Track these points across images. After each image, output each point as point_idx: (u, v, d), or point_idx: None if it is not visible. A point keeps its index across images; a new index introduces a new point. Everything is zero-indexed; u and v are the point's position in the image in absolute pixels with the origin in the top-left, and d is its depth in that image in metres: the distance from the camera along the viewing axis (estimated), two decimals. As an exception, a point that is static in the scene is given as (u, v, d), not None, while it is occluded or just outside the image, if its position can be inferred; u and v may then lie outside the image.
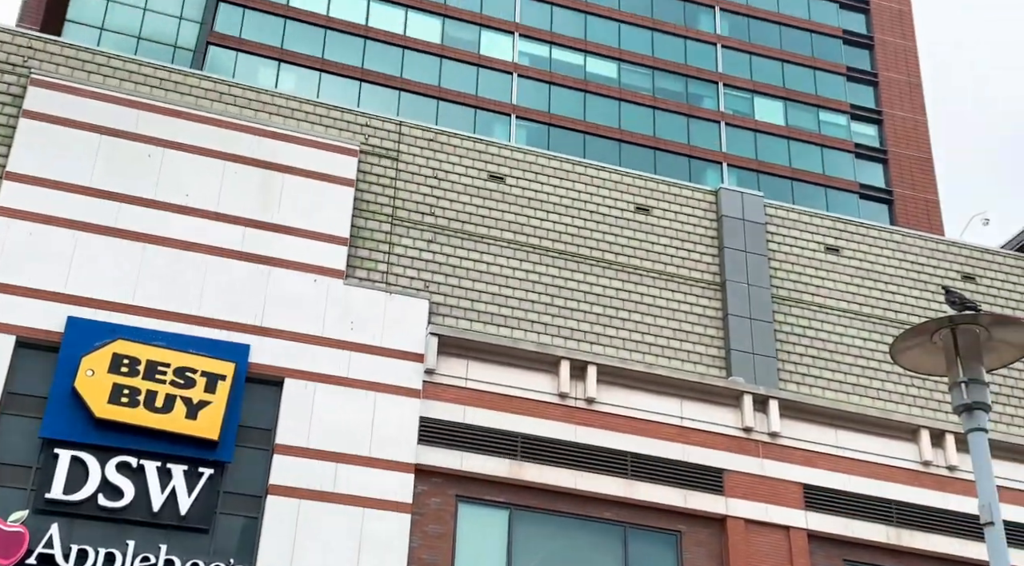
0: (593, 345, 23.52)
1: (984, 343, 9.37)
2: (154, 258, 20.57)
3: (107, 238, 20.42)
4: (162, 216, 20.98)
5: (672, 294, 24.87)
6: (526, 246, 24.42)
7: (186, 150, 21.77)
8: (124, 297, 20.04)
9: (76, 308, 19.58)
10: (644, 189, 26.14)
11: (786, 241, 26.43)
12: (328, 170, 22.67)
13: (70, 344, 19.11)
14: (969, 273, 27.18)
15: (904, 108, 50.11)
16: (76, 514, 18.10)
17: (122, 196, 20.96)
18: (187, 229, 21.01)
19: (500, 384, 21.69)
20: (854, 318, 25.84)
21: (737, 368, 23.94)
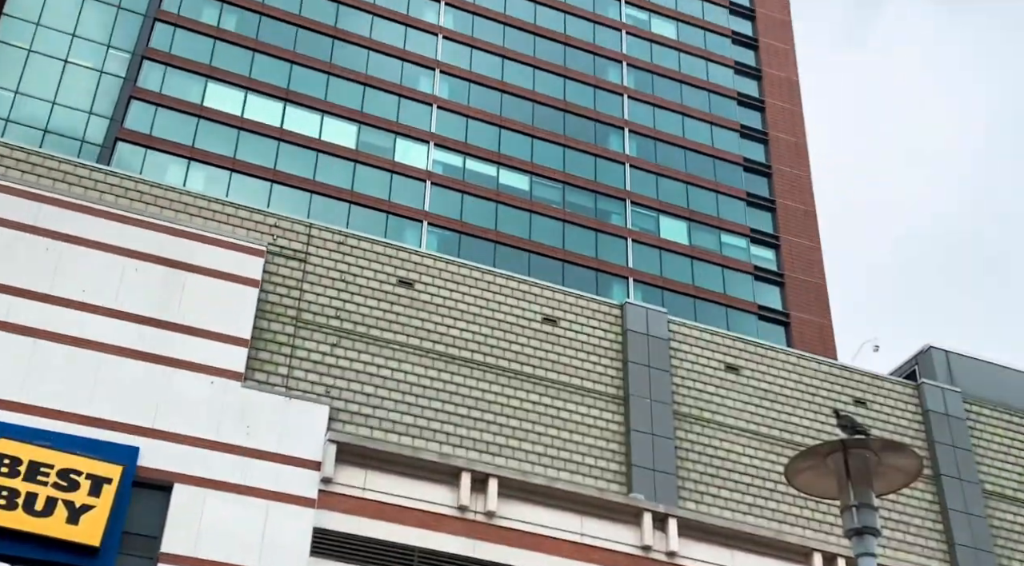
0: (496, 457, 23.32)
1: (874, 468, 9.54)
2: (45, 354, 19.84)
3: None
4: (57, 311, 20.34)
5: (576, 407, 24.95)
6: (432, 353, 24.32)
7: (86, 245, 21.28)
8: (10, 393, 19.21)
9: (-44, 406, 18.68)
10: (552, 300, 26.43)
11: (688, 358, 26.89)
12: (233, 270, 22.38)
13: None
14: (860, 397, 27.96)
15: (800, 235, 52.15)
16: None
17: (15, 289, 20.30)
18: (82, 325, 20.39)
19: (399, 495, 21.24)
20: (752, 437, 26.23)
21: (638, 484, 23.95)
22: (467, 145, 49.19)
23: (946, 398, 28.42)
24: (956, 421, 28.18)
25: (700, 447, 25.52)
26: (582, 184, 50.33)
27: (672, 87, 55.00)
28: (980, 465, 27.92)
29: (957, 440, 27.83)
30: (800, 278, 50.77)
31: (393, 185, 46.85)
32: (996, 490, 27.77)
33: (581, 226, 49.14)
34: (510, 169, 49.49)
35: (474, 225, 47.19)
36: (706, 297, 48.62)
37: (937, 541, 26.18)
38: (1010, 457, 28.52)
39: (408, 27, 51.01)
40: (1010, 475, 28.19)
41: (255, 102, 46.00)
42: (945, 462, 27.30)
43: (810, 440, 26.03)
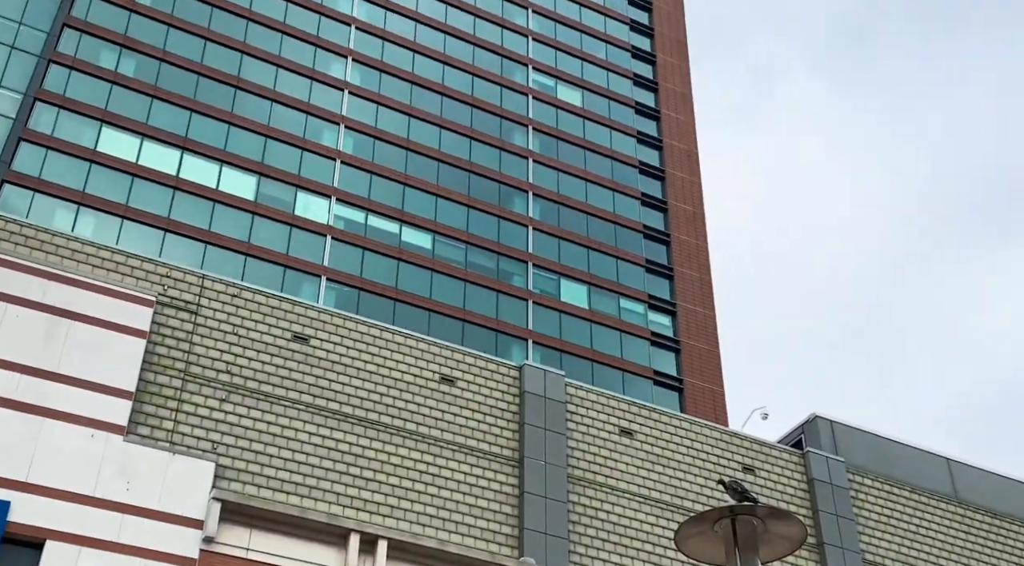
0: (386, 518, 22.87)
1: (761, 535, 9.64)
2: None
3: None
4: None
5: (471, 468, 24.71)
6: (325, 411, 23.85)
7: (-35, 288, 20.36)
8: None
9: None
10: (450, 360, 26.28)
11: (584, 421, 26.97)
12: (119, 319, 21.66)
13: None
14: (749, 464, 28.43)
15: (695, 302, 53.32)
16: None
17: None
18: (-48, 371, 19.39)
19: (284, 556, 20.60)
20: (644, 502, 26.35)
21: (530, 548, 23.74)
22: (370, 201, 49.02)
23: (830, 467, 29.10)
24: (840, 490, 28.85)
25: (592, 511, 25.51)
26: (485, 245, 50.59)
27: (576, 153, 56.03)
28: (862, 535, 28.56)
29: (840, 509, 28.46)
30: (695, 345, 51.72)
31: (292, 239, 46.26)
32: (876, 560, 28.40)
33: (483, 286, 49.26)
34: (413, 227, 49.44)
35: (374, 282, 46.84)
36: (603, 361, 49.07)
37: (820, 611, 26.56)
38: (890, 527, 29.25)
39: (313, 80, 50.90)
40: (890, 545, 28.88)
41: (151, 149, 45.07)
42: (828, 531, 27.85)
43: (700, 505, 26.27)
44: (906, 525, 29.48)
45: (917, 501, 30.06)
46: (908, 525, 29.50)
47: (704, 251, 55.84)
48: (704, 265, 55.21)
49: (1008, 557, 30.31)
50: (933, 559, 29.17)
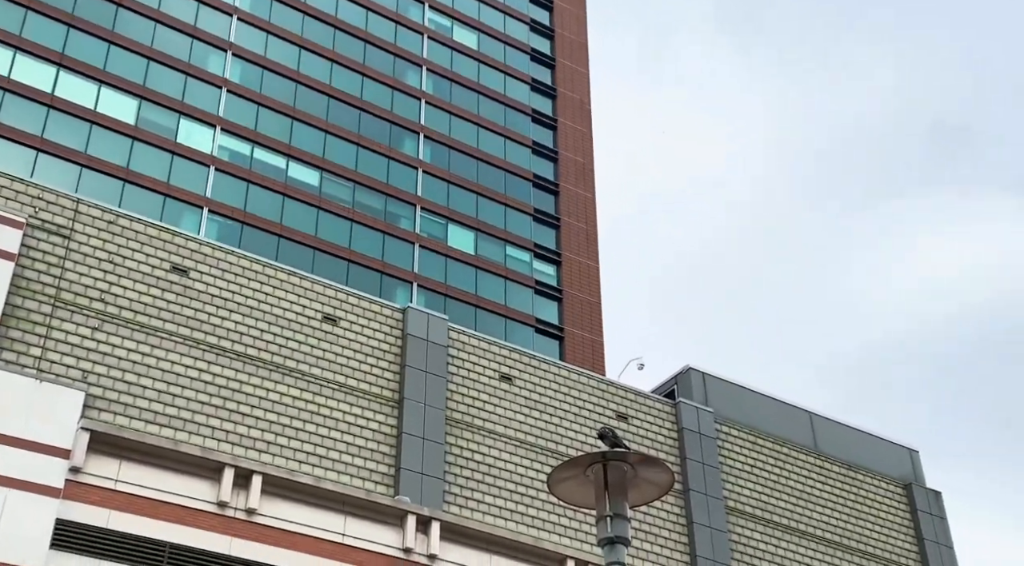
0: (262, 454, 22.73)
1: (630, 481, 9.94)
2: None
3: None
4: None
5: (349, 407, 24.71)
6: (203, 344, 23.43)
7: None
8: None
9: None
10: (334, 299, 26.09)
11: (465, 365, 27.23)
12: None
13: None
14: (623, 412, 29.26)
15: (580, 253, 54.03)
16: None
17: None
18: None
19: (154, 488, 20.28)
20: (519, 446, 26.87)
21: (405, 487, 23.99)
22: (256, 133, 47.78)
23: (700, 417, 30.21)
24: (707, 439, 30.01)
25: (469, 453, 25.89)
26: (373, 185, 50.01)
27: (469, 97, 55.70)
28: (725, 482, 29.82)
29: (707, 457, 29.63)
30: (577, 295, 52.55)
31: (174, 167, 44.82)
32: (738, 507, 29.72)
33: (369, 227, 48.80)
34: (300, 163, 48.48)
35: (258, 217, 45.85)
36: (487, 307, 49.42)
37: (681, 553, 27.71)
38: (752, 476, 30.60)
39: (200, 3, 49.03)
40: (751, 493, 30.23)
41: (24, 63, 42.82)
42: (694, 478, 28.98)
43: (574, 451, 26.96)
44: (767, 474, 30.88)
45: (779, 452, 31.49)
46: (770, 474, 30.91)
47: (592, 202, 56.52)
48: (591, 216, 55.93)
49: (860, 506, 32.13)
50: (791, 506, 30.69)
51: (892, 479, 33.26)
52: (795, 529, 30.27)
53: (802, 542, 30.11)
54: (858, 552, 31.10)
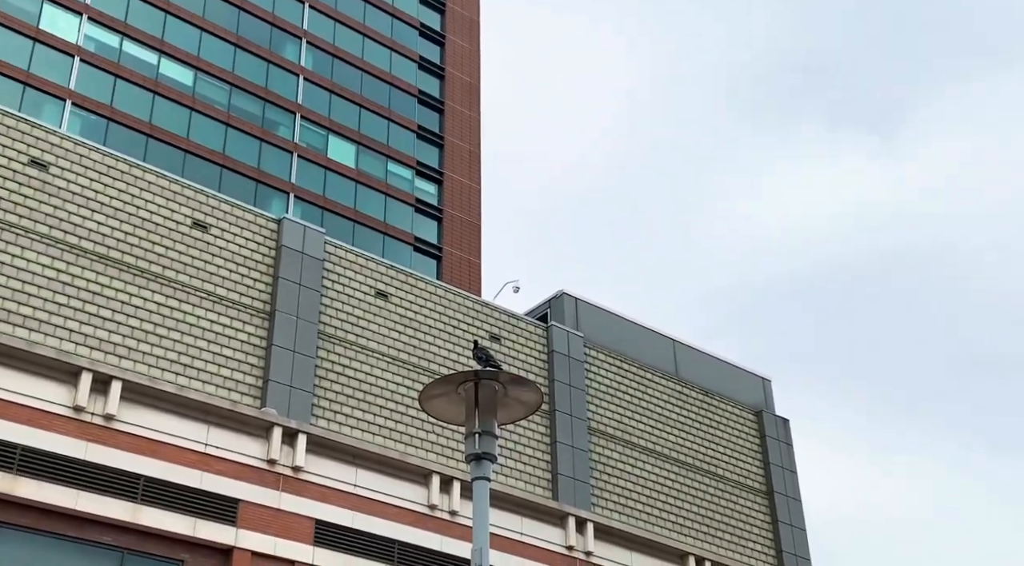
0: (123, 359, 22.09)
1: (500, 399, 10.07)
2: None
3: None
4: None
5: (217, 317, 24.17)
6: (62, 243, 22.43)
7: None
8: None
9: None
10: (205, 205, 25.29)
11: (340, 280, 26.91)
12: None
13: None
14: (496, 333, 29.55)
15: (463, 173, 53.74)
16: None
17: None
18: None
19: (5, 388, 19.50)
20: (392, 362, 26.87)
21: (272, 399, 23.74)
22: (126, 25, 45.37)
23: (569, 341, 30.79)
24: (575, 362, 30.66)
25: (340, 368, 25.75)
26: (251, 89, 48.33)
27: (355, 5, 54.09)
28: (590, 404, 30.62)
29: (574, 380, 30.31)
30: (458, 215, 52.40)
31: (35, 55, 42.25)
32: (599, 427, 30.61)
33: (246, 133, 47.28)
34: (173, 60, 46.36)
35: (126, 114, 43.81)
36: (366, 223, 48.84)
37: (543, 470, 28.45)
38: (616, 399, 31.51)
39: None
40: (613, 415, 31.15)
41: None
42: (561, 399, 29.64)
43: (446, 369, 27.13)
44: (630, 397, 31.84)
45: (642, 376, 32.44)
46: (632, 397, 31.87)
47: (476, 122, 56.09)
48: (475, 137, 55.56)
49: (714, 431, 33.51)
50: (650, 429, 31.79)
51: (745, 406, 34.75)
52: (652, 450, 31.41)
53: (658, 463, 31.30)
54: (710, 474, 32.53)
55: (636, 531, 27.24)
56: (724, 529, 31.68)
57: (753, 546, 32.06)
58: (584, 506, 28.02)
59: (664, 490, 30.90)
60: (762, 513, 32.97)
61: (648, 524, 29.75)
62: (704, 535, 30.99)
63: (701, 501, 31.61)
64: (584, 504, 28.14)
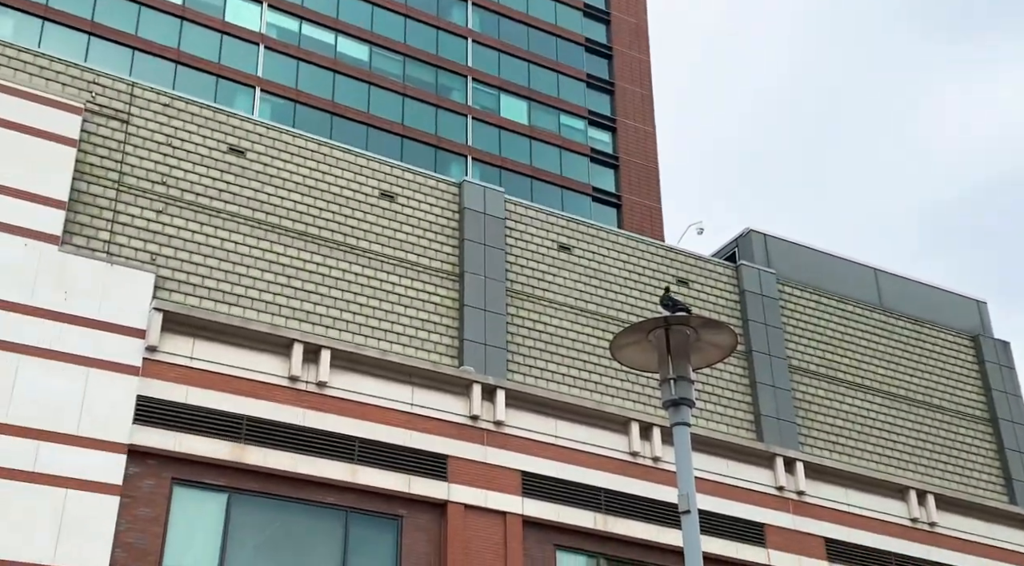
0: (328, 329, 23.26)
1: (692, 344, 10.04)
2: None
3: None
4: None
5: (411, 282, 25.03)
6: (264, 224, 23.76)
7: None
8: None
9: None
10: (389, 176, 26.14)
11: (523, 237, 27.31)
12: (47, 127, 20.97)
13: None
14: (683, 277, 29.26)
15: (636, 118, 53.07)
16: None
17: None
18: None
19: (227, 364, 20.94)
20: (580, 314, 27.12)
21: (469, 358, 24.46)
22: (303, 9, 47.14)
23: (761, 279, 30.10)
24: (769, 301, 29.97)
25: (531, 323, 26.21)
26: (423, 58, 49.33)
27: (518, -39, 54.07)
28: (788, 342, 29.90)
29: (769, 318, 29.64)
30: (634, 161, 51.93)
31: (224, 47, 44.59)
32: (801, 365, 29.87)
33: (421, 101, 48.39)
34: (349, 37, 47.88)
35: (310, 94, 45.70)
36: (543, 177, 49.18)
37: (745, 412, 28.09)
38: (815, 335, 30.63)
39: None
40: (814, 352, 30.32)
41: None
42: (757, 339, 29.06)
43: (634, 317, 27.15)
44: (832, 332, 30.88)
45: (843, 309, 31.38)
46: (834, 332, 30.91)
47: (646, 65, 55.20)
48: (646, 80, 54.72)
49: (926, 360, 32.08)
50: (855, 363, 30.77)
51: (959, 331, 33.06)
52: (861, 385, 30.42)
53: (868, 397, 30.30)
54: (925, 405, 31.24)
55: (850, 468, 26.53)
56: (945, 460, 30.41)
57: (979, 476, 30.65)
58: (792, 446, 27.53)
59: (877, 424, 29.92)
60: (986, 442, 31.43)
61: (862, 460, 28.92)
62: (924, 468, 29.86)
63: (918, 433, 30.44)
64: (791, 444, 27.65)
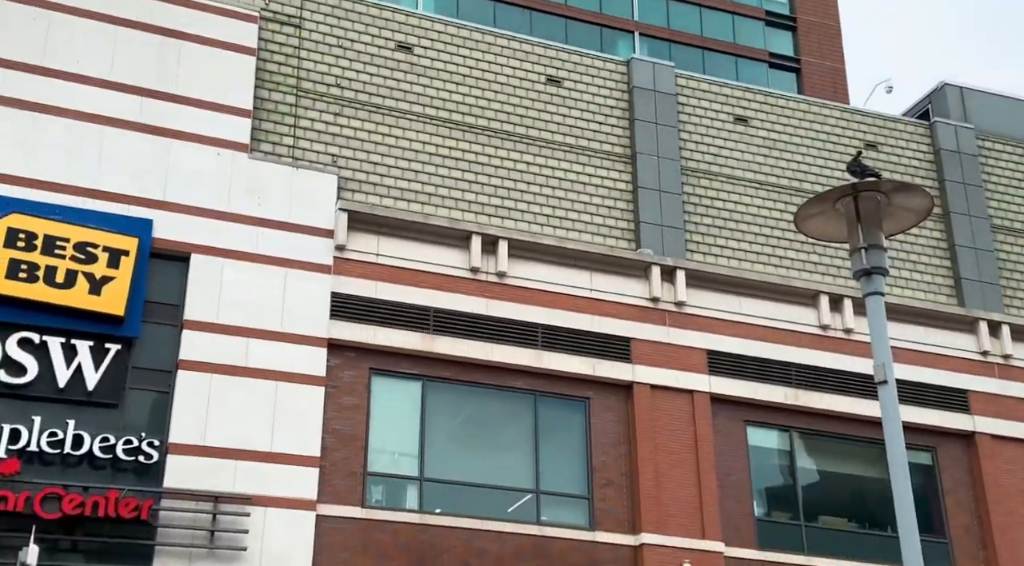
0: (504, 219, 23.55)
1: (884, 209, 9.59)
2: (47, 129, 19.64)
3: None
4: (53, 84, 19.96)
5: (583, 167, 24.90)
6: (436, 119, 24.04)
7: (74, 13, 20.59)
8: (16, 169, 19.20)
9: (-35, 181, 18.73)
10: (555, 60, 25.81)
11: (696, 112, 26.55)
12: (227, 38, 21.74)
13: (-39, 218, 18.37)
14: (872, 141, 27.78)
15: (813, -24, 49.96)
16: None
17: (7, 62, 19.84)
18: (81, 98, 20.07)
19: (412, 259, 21.68)
20: (760, 188, 26.31)
21: (646, 240, 24.30)
22: None
23: (958, 136, 28.15)
24: (968, 158, 28.04)
25: (708, 200, 25.67)
26: (582, -66, 47.84)
27: None
28: (990, 200, 28.06)
29: (968, 177, 27.80)
30: (812, 20, 49.13)
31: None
32: (1004, 224, 28.05)
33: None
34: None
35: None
36: (715, 47, 47.32)
37: (944, 277, 26.77)
38: (1020, 190, 28.59)
39: None
40: (1019, 208, 28.37)
41: None
42: (955, 199, 27.35)
43: (819, 187, 26.10)
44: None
45: (1054, 160, 29.05)
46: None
47: (821, -80, 51.62)
48: (821, -65, 51.26)
49: None
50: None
51: None
52: (1075, 240, 28.33)
53: (1086, 251, 28.24)
54: None
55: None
56: None
57: None
58: (995, 309, 26.20)
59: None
60: None
61: (1070, 320, 27.21)
62: None
63: None
64: (995, 307, 26.29)
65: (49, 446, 17.79)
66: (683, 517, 21.38)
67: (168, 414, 18.77)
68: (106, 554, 17.58)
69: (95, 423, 18.23)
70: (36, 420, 17.85)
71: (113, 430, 18.32)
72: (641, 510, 21.16)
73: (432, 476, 20.54)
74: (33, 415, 17.88)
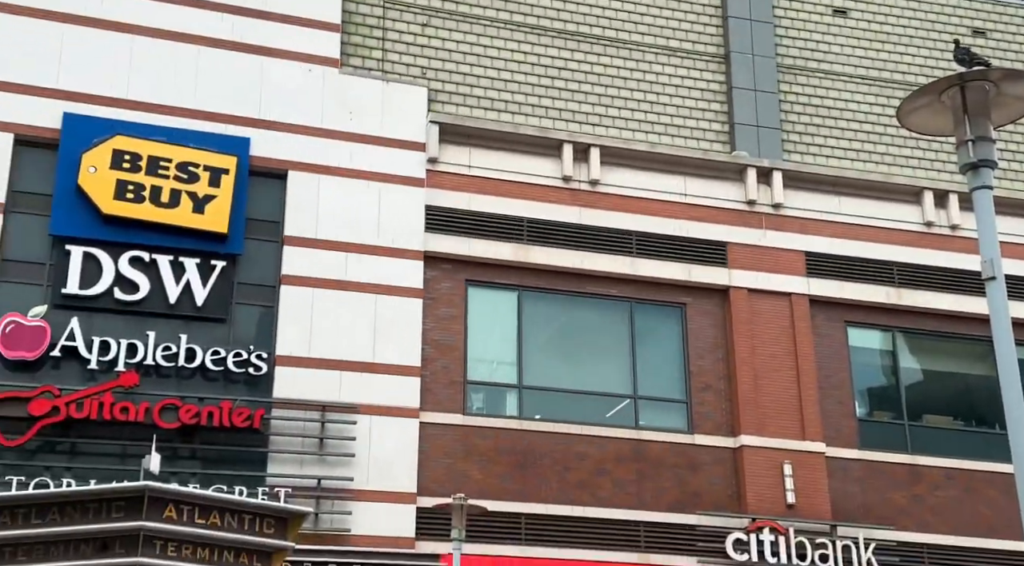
0: (595, 126, 23.29)
1: (992, 99, 9.17)
2: (143, 50, 20.04)
3: (93, 30, 19.84)
4: (146, 5, 20.28)
5: (674, 70, 24.36)
6: (523, 26, 23.72)
7: (165, -65, 20.77)
8: (117, 92, 19.68)
9: (71, 104, 19.25)
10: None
11: (792, 6, 25.61)
12: (311, -49, 21.67)
13: (69, 141, 18.96)
14: (980, 27, 26.46)
15: None
16: (94, 308, 18.55)
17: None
18: (173, 19, 20.36)
19: (503, 170, 21.66)
20: (860, 82, 25.40)
21: (741, 142, 23.79)
22: None
23: (1073, 21, 26.61)
24: (1083, 44, 26.51)
25: (805, 98, 24.92)
26: None
27: None
28: (1108, 78, 26.54)
29: (1086, 58, 26.34)
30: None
31: None
32: (1124, 115, 26.60)
33: None
34: None
35: None
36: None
37: (1052, 168, 25.68)
38: None
39: None
40: None
41: None
42: (1065, 87, 25.97)
43: (923, 79, 25.06)
44: None
45: None
46: None
47: None
48: None
49: None
50: None
51: None
52: None
53: None
54: None
55: None
56: None
57: None
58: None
59: None
60: None
61: None
62: None
63: None
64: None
65: (164, 360, 18.60)
66: (783, 419, 21.34)
67: (274, 328, 19.40)
68: (222, 461, 18.45)
69: (206, 337, 18.97)
70: (151, 335, 18.64)
71: (223, 343, 19.04)
72: (740, 413, 21.19)
73: (531, 384, 20.87)
74: (147, 330, 18.67)
